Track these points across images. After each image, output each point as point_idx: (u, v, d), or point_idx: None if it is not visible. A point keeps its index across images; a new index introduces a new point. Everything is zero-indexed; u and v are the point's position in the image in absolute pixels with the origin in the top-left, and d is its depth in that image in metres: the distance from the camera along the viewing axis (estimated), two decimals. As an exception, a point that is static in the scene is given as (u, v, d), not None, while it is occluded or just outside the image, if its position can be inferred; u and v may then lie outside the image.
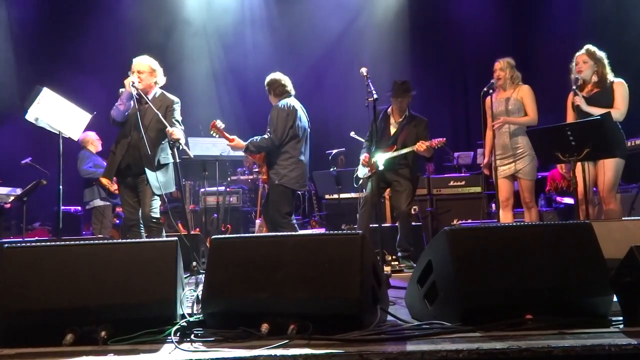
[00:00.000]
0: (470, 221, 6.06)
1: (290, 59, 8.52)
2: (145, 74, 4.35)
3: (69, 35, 8.70)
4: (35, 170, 6.78)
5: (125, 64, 4.43)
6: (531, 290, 2.30)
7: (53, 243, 3.36)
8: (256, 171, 7.04)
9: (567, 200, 6.40)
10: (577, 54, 4.51)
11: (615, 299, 2.32)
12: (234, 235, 2.72)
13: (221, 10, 9.47)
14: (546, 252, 2.36)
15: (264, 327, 2.18)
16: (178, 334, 2.21)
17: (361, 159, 5.23)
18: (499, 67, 4.83)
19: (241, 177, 8.00)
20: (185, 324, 2.30)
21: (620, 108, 4.33)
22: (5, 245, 2.58)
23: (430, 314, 2.42)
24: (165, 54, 7.85)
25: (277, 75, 4.84)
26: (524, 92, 4.79)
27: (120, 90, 4.32)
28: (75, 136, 4.75)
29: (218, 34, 9.57)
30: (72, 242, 2.59)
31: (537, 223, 3.82)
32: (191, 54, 9.35)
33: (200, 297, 2.43)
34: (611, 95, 4.36)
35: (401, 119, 5.15)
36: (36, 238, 6.49)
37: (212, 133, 4.78)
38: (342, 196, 6.90)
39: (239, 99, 9.40)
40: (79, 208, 7.52)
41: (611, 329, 2.19)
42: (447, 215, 6.47)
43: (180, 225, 5.89)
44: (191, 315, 2.44)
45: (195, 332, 2.28)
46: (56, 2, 8.97)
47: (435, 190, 6.59)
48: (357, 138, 5.97)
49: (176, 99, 4.49)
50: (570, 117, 4.54)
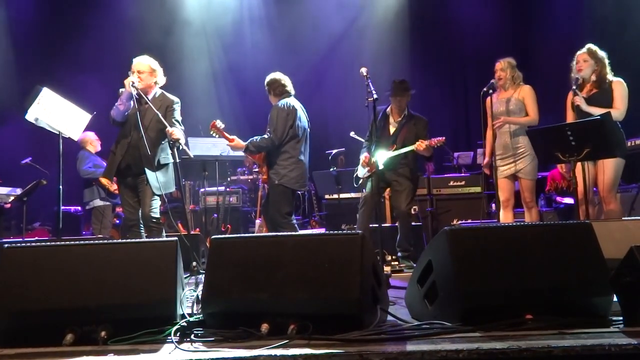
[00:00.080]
0: (470, 221, 6.06)
1: (290, 58, 8.51)
2: (146, 74, 4.35)
3: (68, 35, 8.71)
4: (35, 170, 6.79)
5: (125, 64, 4.43)
6: (531, 290, 2.29)
7: (53, 243, 3.37)
8: (256, 171, 7.03)
9: (567, 200, 6.41)
10: (578, 52, 4.51)
11: (615, 299, 2.32)
12: (234, 235, 2.71)
13: (221, 10, 9.47)
14: (546, 252, 2.36)
15: (264, 327, 2.18)
16: (178, 334, 2.21)
17: (361, 159, 5.22)
18: (500, 67, 4.83)
19: (241, 177, 8.00)
20: (185, 324, 2.30)
21: (619, 108, 4.33)
22: (5, 245, 2.58)
23: (430, 314, 2.42)
24: (165, 53, 7.83)
25: (277, 75, 4.84)
26: (525, 93, 4.79)
27: (120, 90, 4.33)
28: (75, 136, 4.76)
29: (218, 33, 9.57)
30: (72, 242, 2.59)
31: (537, 223, 3.82)
32: (191, 54, 9.35)
33: (200, 297, 2.43)
34: (610, 95, 4.36)
35: (400, 118, 5.15)
36: (36, 238, 6.49)
37: (211, 133, 4.78)
38: (342, 196, 6.91)
39: (239, 99, 9.39)
40: (79, 208, 7.51)
41: (611, 329, 2.19)
42: (447, 215, 6.47)
43: (180, 225, 5.89)
44: (191, 315, 2.44)
45: (195, 332, 2.28)
46: (56, 1, 8.96)
47: (435, 190, 6.60)
48: (357, 138, 5.97)
49: (176, 99, 4.49)
50: (570, 117, 4.54)
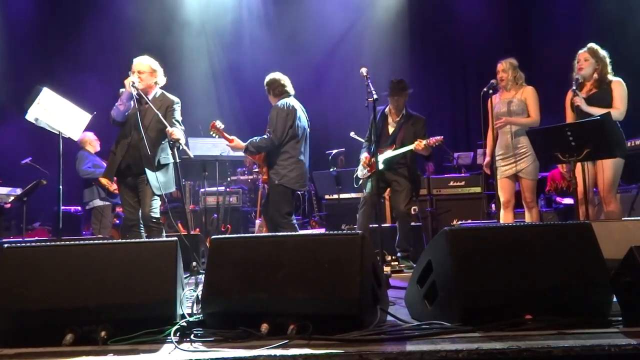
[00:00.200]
0: (470, 221, 6.06)
1: (290, 58, 8.51)
2: (146, 74, 4.35)
3: (68, 35, 8.72)
4: (35, 170, 6.79)
5: (125, 64, 4.43)
6: (531, 290, 2.29)
7: (53, 243, 3.36)
8: (256, 171, 7.04)
9: (567, 201, 6.41)
10: (579, 51, 4.51)
11: (615, 299, 2.32)
12: (234, 235, 2.71)
13: (221, 9, 9.46)
14: (546, 253, 2.36)
15: (264, 327, 2.17)
16: (178, 334, 2.21)
17: (361, 159, 5.22)
18: (502, 68, 4.82)
19: (241, 177, 8.00)
20: (185, 324, 2.31)
21: (619, 107, 4.33)
22: (5, 245, 2.58)
23: (430, 314, 2.42)
24: (165, 53, 7.82)
25: (277, 75, 4.83)
26: (528, 93, 4.78)
27: (120, 90, 4.33)
28: (75, 136, 4.76)
29: (217, 33, 9.57)
30: (72, 242, 2.59)
31: (537, 223, 3.83)
32: (191, 54, 9.35)
33: (200, 297, 2.43)
34: (610, 95, 4.35)
35: (399, 118, 5.15)
36: (36, 238, 6.49)
37: (211, 133, 4.78)
38: (342, 196, 6.91)
39: (239, 98, 9.39)
40: (79, 208, 7.51)
41: (611, 329, 2.19)
42: (447, 215, 6.47)
43: (180, 226, 5.89)
44: (191, 315, 2.44)
45: (195, 332, 2.28)
46: (55, 1, 8.97)
47: (435, 190, 6.60)
48: (357, 138, 5.97)
49: (176, 99, 4.49)
50: (570, 117, 4.54)
